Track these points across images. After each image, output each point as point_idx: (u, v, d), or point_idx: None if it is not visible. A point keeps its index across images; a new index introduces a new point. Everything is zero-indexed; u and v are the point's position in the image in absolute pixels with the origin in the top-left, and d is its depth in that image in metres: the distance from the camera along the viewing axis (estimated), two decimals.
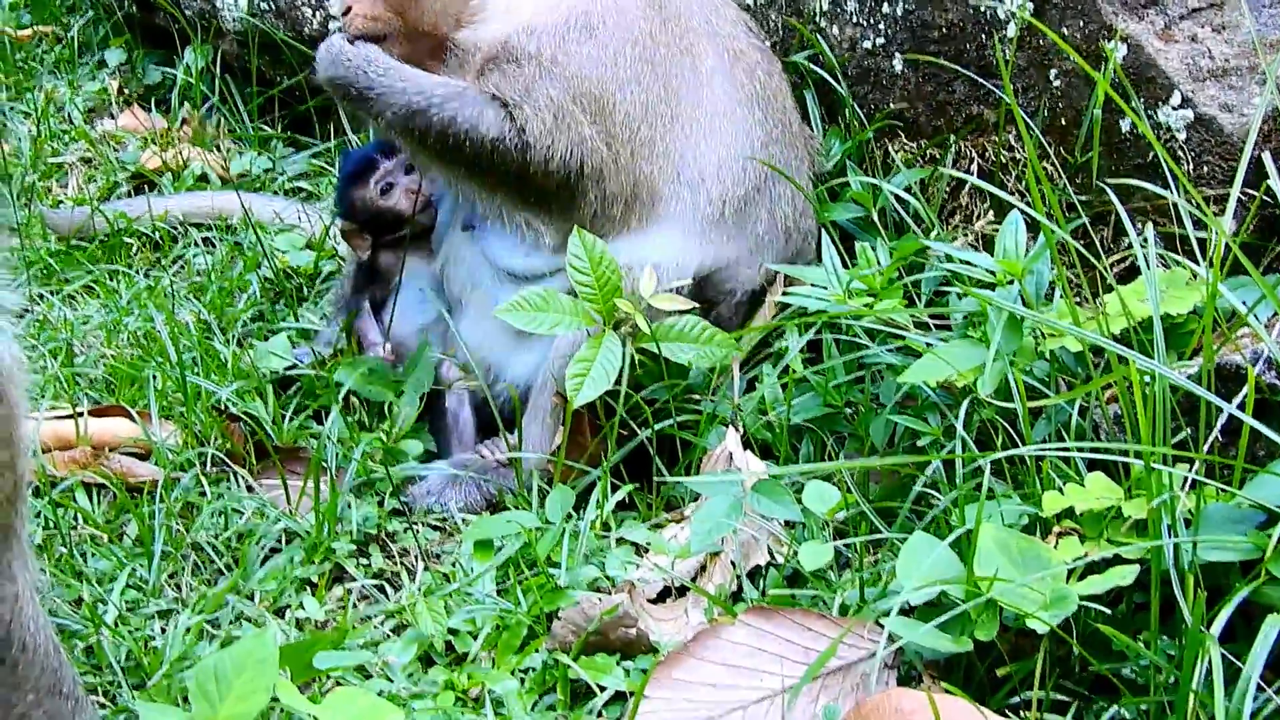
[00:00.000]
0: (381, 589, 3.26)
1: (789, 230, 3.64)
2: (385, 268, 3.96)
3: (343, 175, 4.06)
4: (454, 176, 3.59)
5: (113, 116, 5.39)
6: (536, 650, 2.95)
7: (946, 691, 2.61)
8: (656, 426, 3.37)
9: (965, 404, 3.05)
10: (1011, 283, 3.14)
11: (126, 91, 5.52)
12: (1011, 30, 3.58)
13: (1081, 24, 3.47)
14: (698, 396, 3.45)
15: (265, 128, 5.12)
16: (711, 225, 3.54)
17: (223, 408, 3.72)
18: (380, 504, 3.45)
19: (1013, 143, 3.64)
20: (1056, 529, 2.78)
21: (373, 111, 3.51)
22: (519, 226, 3.59)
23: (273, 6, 4.92)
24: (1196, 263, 3.09)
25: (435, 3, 3.60)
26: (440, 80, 3.50)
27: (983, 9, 3.61)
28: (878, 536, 3.04)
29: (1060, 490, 2.78)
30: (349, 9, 3.60)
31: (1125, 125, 3.42)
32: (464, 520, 3.43)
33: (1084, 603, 2.59)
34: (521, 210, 3.57)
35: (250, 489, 3.50)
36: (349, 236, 3.99)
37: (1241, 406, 2.60)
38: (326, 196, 4.66)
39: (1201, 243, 3.10)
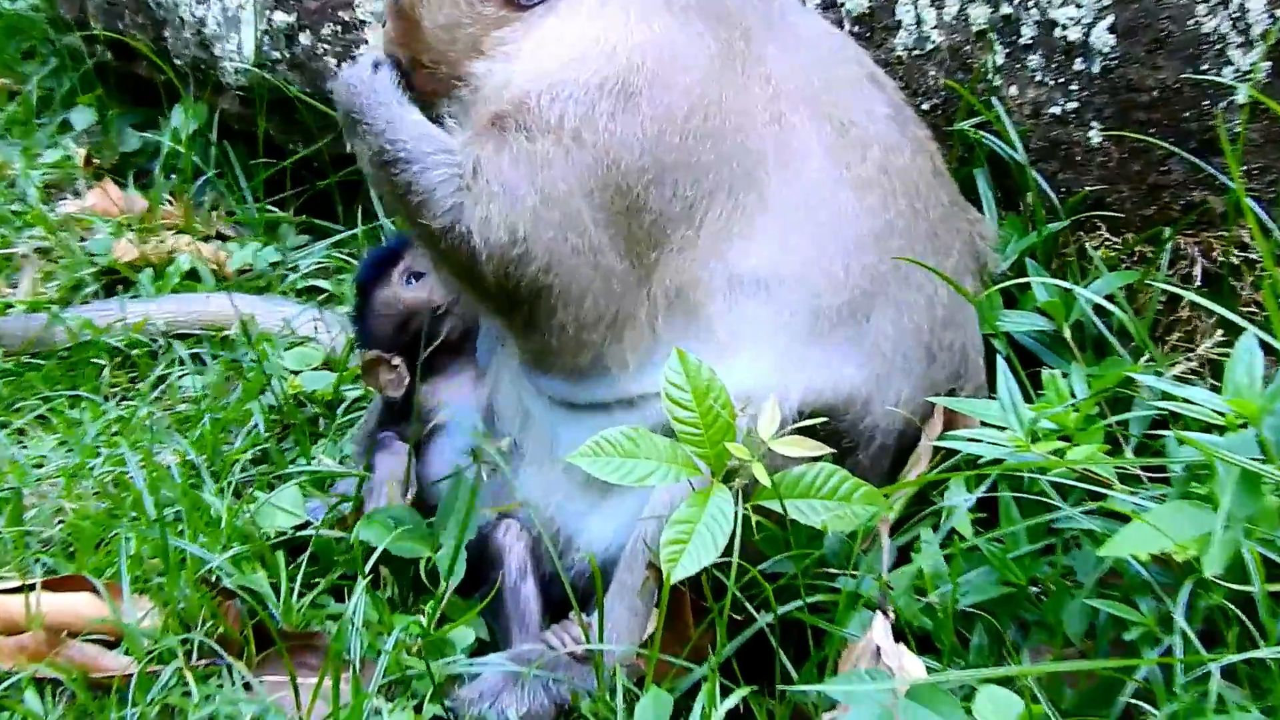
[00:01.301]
0: None
1: (930, 348, 3.63)
2: (422, 400, 3.98)
3: (359, 282, 4.13)
4: (421, 252, 3.69)
5: (78, 194, 5.46)
6: None
7: None
8: (780, 610, 3.35)
9: (1187, 585, 3.00)
10: (1245, 426, 3.10)
11: (97, 162, 5.59)
12: (1241, 96, 3.57)
13: None
14: (834, 570, 3.43)
15: (274, 209, 5.16)
16: (804, 344, 3.52)
17: (214, 579, 3.73)
18: (418, 709, 3.44)
19: (1246, 240, 3.62)
20: None
21: (358, 147, 3.62)
22: (500, 335, 3.71)
23: (286, 56, 4.98)
24: None
25: (440, 28, 3.70)
26: (423, 132, 3.57)
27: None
28: None
29: None
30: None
31: None
32: None
33: None
34: (486, 315, 3.67)
35: (248, 686, 3.49)
36: (372, 370, 4.02)
37: None
38: (351, 299, 4.70)
39: None
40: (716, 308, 3.52)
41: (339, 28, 4.90)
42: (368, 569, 3.68)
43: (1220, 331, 3.67)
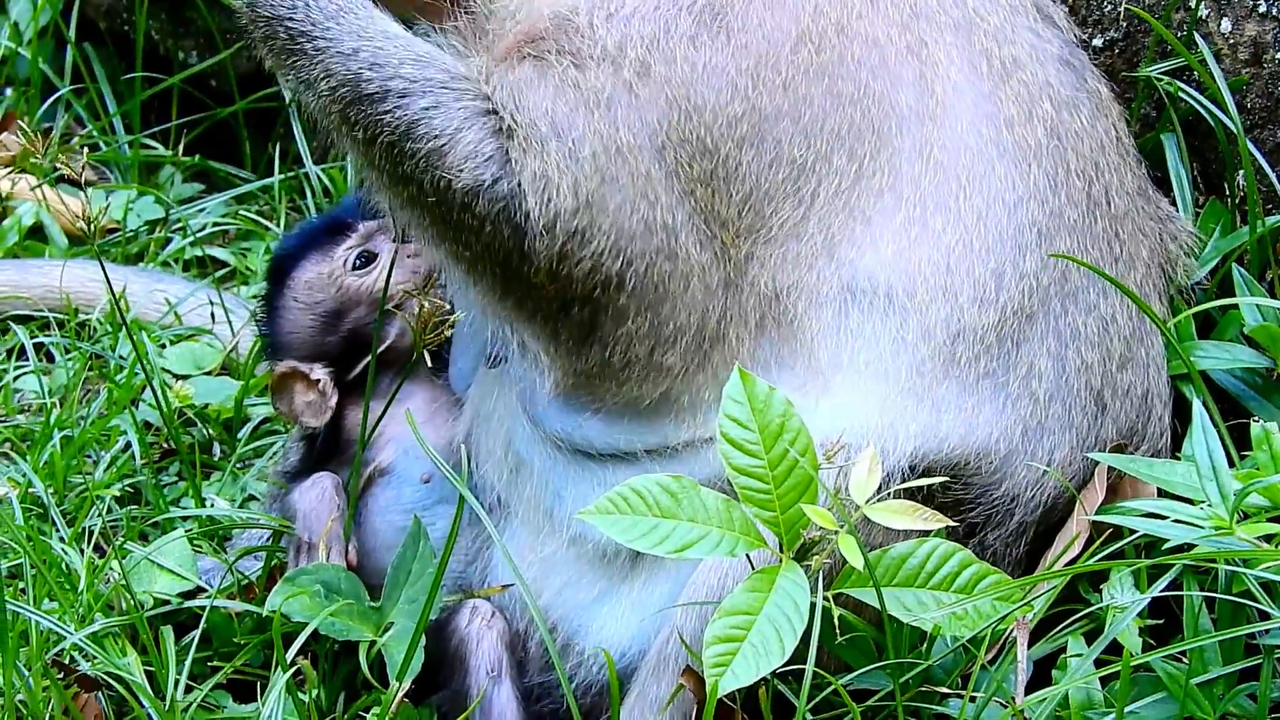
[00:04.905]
0: None
1: (1101, 395, 3.60)
2: (354, 433, 3.94)
3: (277, 256, 4.10)
4: (413, 225, 3.62)
5: None
6: None
7: None
8: None
9: None
10: None
11: None
12: None
13: None
14: (945, 691, 3.39)
15: (154, 145, 5.14)
16: (934, 378, 3.49)
17: (66, 662, 3.70)
18: None
19: None
20: None
21: (303, 77, 3.54)
22: (524, 349, 3.64)
23: None
24: None
25: None
26: (420, 52, 3.53)
27: None
28: None
29: None
30: None
31: None
32: None
33: None
34: (511, 318, 3.61)
35: None
36: (285, 388, 3.98)
37: None
38: (263, 280, 4.65)
39: None
40: (822, 322, 3.49)
41: None
42: (290, 655, 3.61)
43: None
